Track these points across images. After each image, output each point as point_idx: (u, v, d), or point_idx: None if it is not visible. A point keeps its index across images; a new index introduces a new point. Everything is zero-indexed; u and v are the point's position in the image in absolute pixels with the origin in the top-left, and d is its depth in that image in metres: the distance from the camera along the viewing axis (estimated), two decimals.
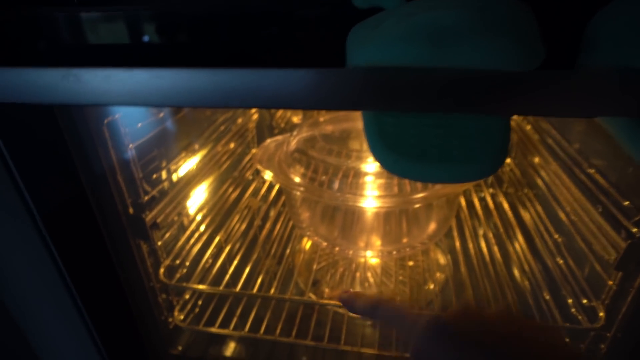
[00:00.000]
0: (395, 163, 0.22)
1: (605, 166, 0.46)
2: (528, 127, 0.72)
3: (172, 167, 0.56)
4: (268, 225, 0.73)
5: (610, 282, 0.43)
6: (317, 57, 0.25)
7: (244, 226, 0.73)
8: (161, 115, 0.53)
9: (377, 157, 0.23)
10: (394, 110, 0.22)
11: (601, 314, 0.44)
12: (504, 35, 0.18)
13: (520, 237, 0.64)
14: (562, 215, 0.55)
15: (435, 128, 0.22)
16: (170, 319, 0.58)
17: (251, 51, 0.26)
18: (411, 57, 0.19)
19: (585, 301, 0.47)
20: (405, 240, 0.59)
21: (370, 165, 0.55)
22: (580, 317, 0.47)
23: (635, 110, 0.20)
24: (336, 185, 0.54)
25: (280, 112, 0.95)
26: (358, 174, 0.55)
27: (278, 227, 0.75)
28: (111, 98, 0.26)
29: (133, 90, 0.25)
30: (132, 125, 0.45)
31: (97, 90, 0.26)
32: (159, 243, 0.53)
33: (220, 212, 0.71)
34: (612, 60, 0.20)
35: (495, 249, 0.65)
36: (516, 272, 0.63)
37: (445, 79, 0.21)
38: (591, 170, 0.47)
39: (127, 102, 0.26)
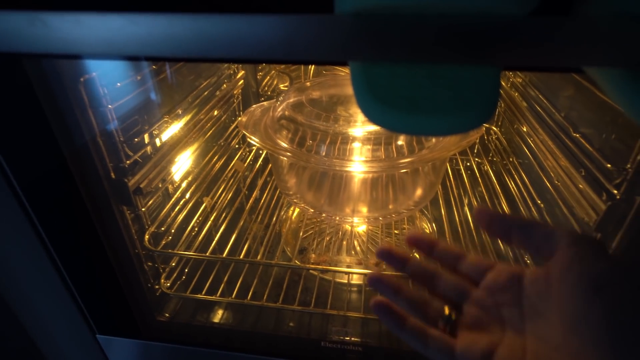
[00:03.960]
0: (385, 115, 0.21)
1: (591, 132, 0.47)
2: (516, 95, 0.72)
3: (155, 132, 0.54)
4: (255, 194, 0.72)
5: None
6: (305, 4, 0.24)
7: (230, 194, 0.72)
8: (141, 76, 0.51)
9: (365, 110, 0.22)
10: (385, 60, 0.21)
11: None
12: None
13: (504, 205, 0.65)
14: (545, 182, 0.56)
15: (427, 78, 0.21)
16: (157, 286, 0.58)
17: None
18: None
19: None
20: (391, 206, 0.60)
21: (358, 130, 0.54)
22: None
23: (632, 60, 0.19)
24: (323, 151, 0.54)
25: (267, 79, 0.92)
26: (345, 140, 0.54)
27: (264, 195, 0.75)
28: (82, 47, 0.24)
29: (106, 37, 0.24)
30: (110, 85, 0.43)
31: (66, 38, 0.24)
32: (143, 209, 0.52)
33: (205, 180, 0.70)
34: (608, 7, 0.19)
35: None
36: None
37: (438, 26, 0.20)
38: (577, 135, 0.48)
39: (101, 51, 0.24)
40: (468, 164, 0.82)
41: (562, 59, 0.21)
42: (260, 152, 0.88)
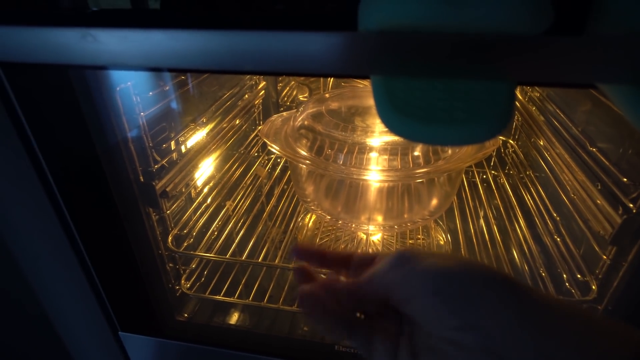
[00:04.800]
0: (403, 125, 0.23)
1: (607, 146, 0.47)
2: (533, 109, 0.72)
3: (181, 139, 0.57)
4: (273, 201, 0.74)
5: (605, 257, 0.44)
6: (330, 21, 0.26)
7: (249, 201, 0.74)
8: (169, 86, 0.54)
9: (385, 120, 0.24)
10: (406, 74, 0.23)
11: (594, 287, 0.45)
12: None
13: (520, 218, 0.66)
14: (562, 195, 0.56)
15: (443, 91, 0.22)
16: (177, 287, 0.60)
17: (264, 14, 0.26)
18: (424, 14, 0.20)
19: (579, 276, 0.49)
20: (406, 215, 0.60)
21: (375, 141, 0.56)
22: (573, 291, 0.49)
23: None
24: (341, 160, 0.55)
25: (286, 90, 0.95)
26: (363, 150, 0.56)
27: (282, 203, 0.77)
28: (128, 60, 0.27)
29: (149, 51, 0.26)
30: (143, 93, 0.46)
31: (114, 52, 0.27)
32: (168, 212, 0.54)
33: (226, 186, 0.72)
34: (622, 26, 0.21)
35: (495, 229, 0.66)
36: (515, 251, 0.64)
37: (455, 43, 0.22)
38: (593, 149, 0.48)
39: (144, 64, 0.27)
40: (484, 176, 0.83)
41: (574, 76, 0.22)
42: (279, 160, 0.90)
